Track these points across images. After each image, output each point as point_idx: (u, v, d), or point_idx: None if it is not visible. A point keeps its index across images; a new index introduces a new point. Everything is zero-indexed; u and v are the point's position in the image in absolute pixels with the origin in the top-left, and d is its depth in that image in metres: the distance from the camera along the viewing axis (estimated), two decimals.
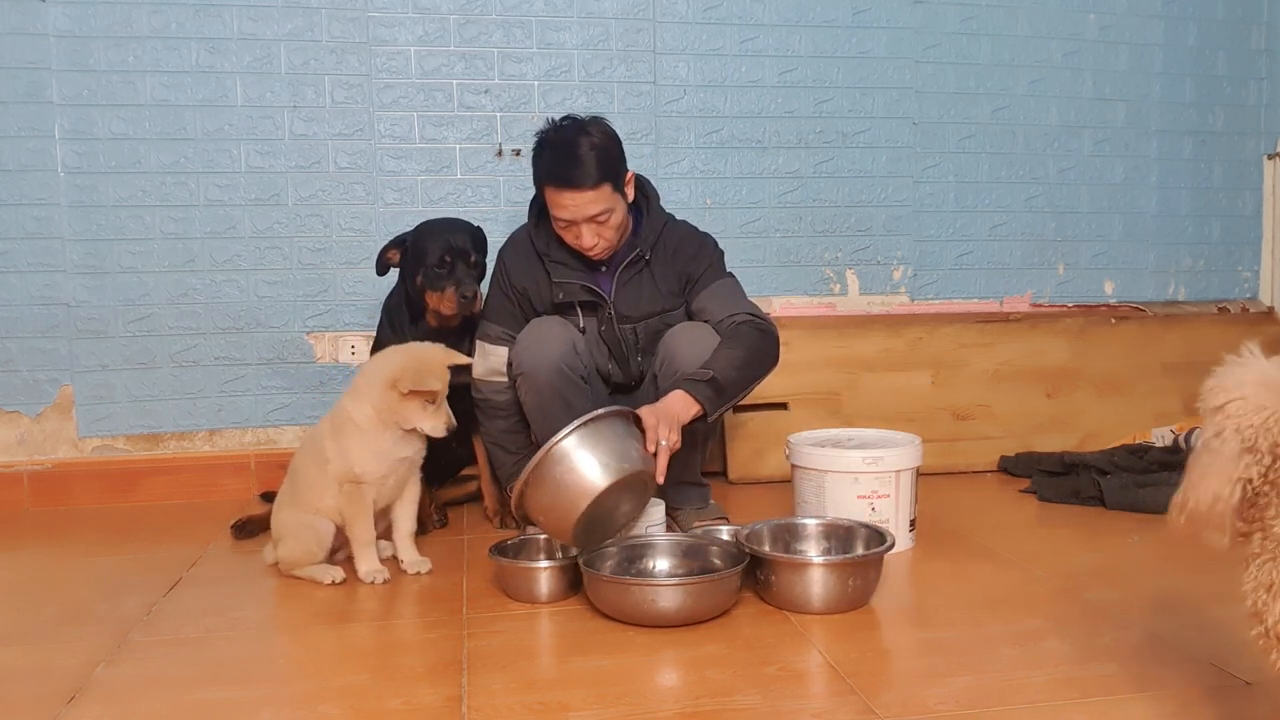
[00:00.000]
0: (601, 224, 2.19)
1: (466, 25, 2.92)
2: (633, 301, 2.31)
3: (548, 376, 2.18)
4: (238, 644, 1.71)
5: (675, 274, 2.33)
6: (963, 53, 3.24)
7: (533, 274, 2.31)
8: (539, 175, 2.21)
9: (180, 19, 2.77)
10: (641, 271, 2.31)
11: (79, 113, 2.74)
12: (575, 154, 2.13)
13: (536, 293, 2.32)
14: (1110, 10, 3.32)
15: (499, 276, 2.36)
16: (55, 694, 1.50)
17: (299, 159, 2.86)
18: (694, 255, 2.33)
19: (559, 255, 2.28)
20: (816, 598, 1.78)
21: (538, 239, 2.30)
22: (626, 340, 2.33)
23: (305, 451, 2.14)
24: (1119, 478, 2.61)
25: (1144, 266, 3.45)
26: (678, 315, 2.34)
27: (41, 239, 2.75)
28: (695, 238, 2.37)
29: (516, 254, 2.35)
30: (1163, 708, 1.39)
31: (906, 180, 3.23)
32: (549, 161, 2.16)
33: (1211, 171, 3.48)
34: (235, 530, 2.40)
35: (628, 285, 2.30)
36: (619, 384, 2.38)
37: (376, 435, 2.03)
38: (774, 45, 3.11)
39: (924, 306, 3.27)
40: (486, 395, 2.33)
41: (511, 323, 2.32)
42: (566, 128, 2.18)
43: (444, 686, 1.50)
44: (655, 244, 2.31)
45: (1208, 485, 1.06)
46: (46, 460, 2.78)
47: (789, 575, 1.80)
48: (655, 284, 2.32)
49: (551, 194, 2.17)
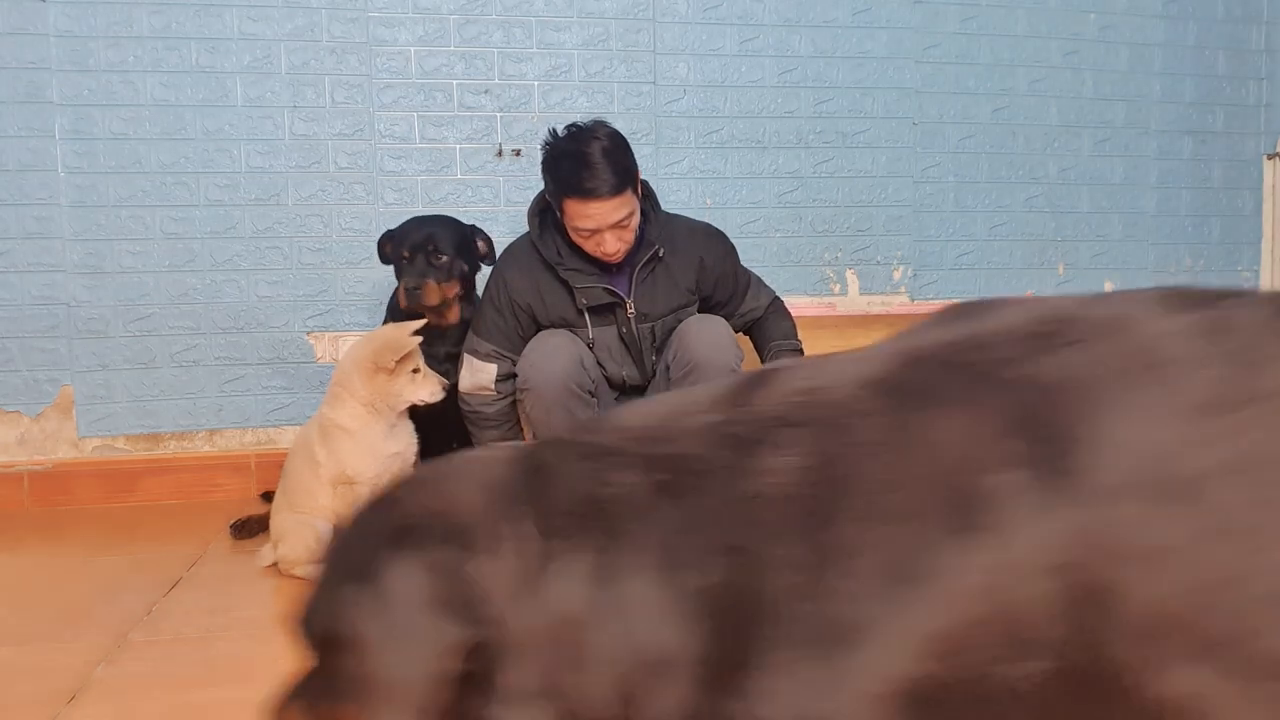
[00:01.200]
0: (624, 228, 2.18)
1: (466, 25, 2.92)
2: (651, 299, 2.30)
3: (555, 394, 2.18)
4: (238, 644, 1.71)
5: (693, 268, 2.34)
6: (963, 53, 3.24)
7: (540, 287, 2.27)
8: (559, 189, 2.15)
9: (180, 19, 2.77)
10: (656, 269, 2.31)
11: (79, 112, 2.74)
12: (593, 163, 2.10)
13: (542, 307, 2.28)
14: (1110, 10, 3.32)
15: (494, 292, 2.30)
16: (55, 694, 1.50)
17: (299, 159, 2.86)
18: (713, 252, 2.38)
19: (573, 263, 2.25)
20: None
21: (545, 250, 2.26)
22: (645, 340, 2.33)
23: (296, 454, 2.15)
24: None
25: (1144, 266, 3.45)
26: (691, 310, 2.35)
27: (41, 239, 2.75)
28: (707, 233, 2.41)
29: (519, 268, 2.29)
30: None
31: (906, 180, 3.23)
32: (569, 174, 2.11)
33: (1211, 171, 3.48)
34: (234, 530, 2.40)
35: (645, 284, 2.30)
36: (633, 386, 2.39)
37: (365, 434, 2.04)
38: (774, 45, 3.11)
39: (924, 306, 3.26)
40: (475, 408, 2.31)
41: (502, 340, 2.28)
42: (577, 137, 2.14)
43: None
44: (667, 237, 2.32)
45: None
46: (46, 460, 2.78)
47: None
48: (672, 279, 2.32)
49: (574, 205, 2.13)
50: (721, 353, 2.22)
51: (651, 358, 2.36)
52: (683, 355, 2.23)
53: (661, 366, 2.33)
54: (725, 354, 2.23)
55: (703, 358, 2.20)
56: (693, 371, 2.21)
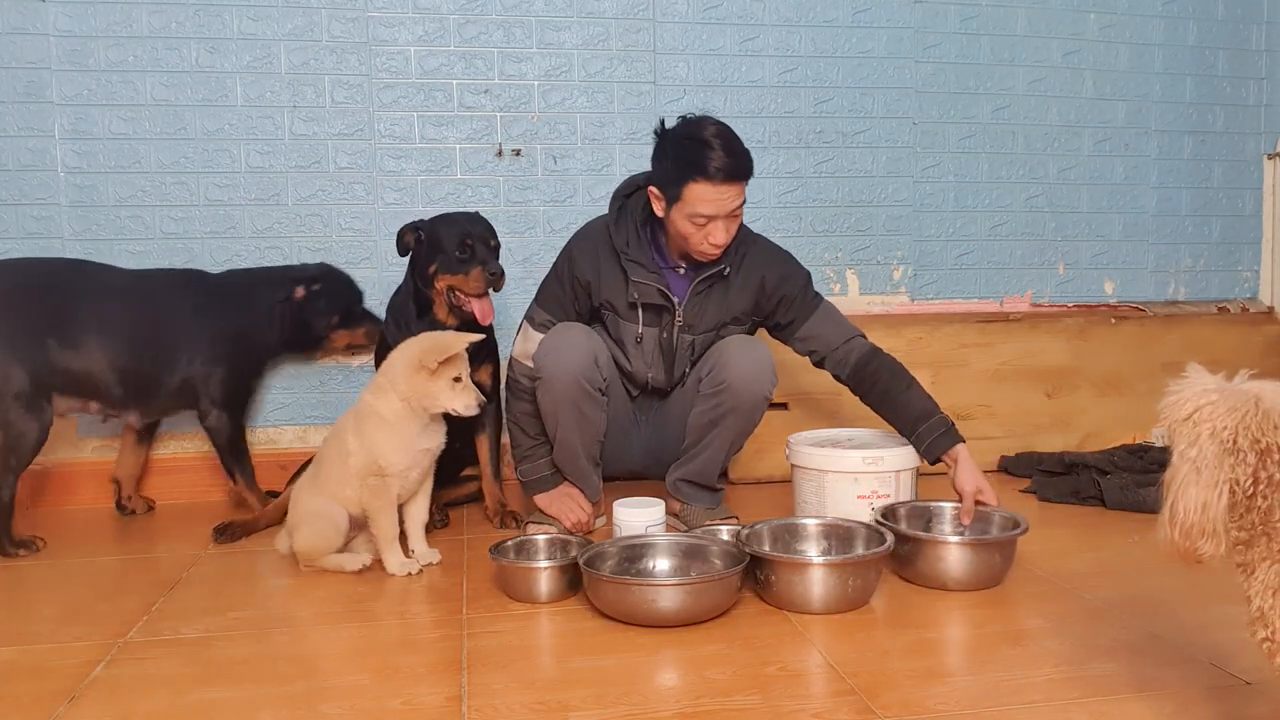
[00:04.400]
0: (735, 219, 2.17)
1: (466, 25, 2.92)
2: (701, 312, 2.29)
3: (565, 388, 2.18)
4: (238, 644, 1.71)
5: (754, 291, 2.30)
6: (963, 52, 3.24)
7: (602, 268, 2.28)
8: (687, 171, 2.08)
9: (180, 19, 2.77)
10: (716, 284, 2.29)
11: (79, 112, 2.74)
12: (740, 147, 2.11)
13: (598, 287, 2.29)
14: (1110, 10, 3.33)
15: (561, 264, 2.33)
16: (55, 694, 1.50)
17: (299, 159, 2.86)
18: (785, 276, 2.31)
19: (637, 255, 2.26)
20: (817, 598, 1.79)
21: (616, 235, 2.26)
22: (683, 349, 2.32)
23: (329, 444, 2.17)
24: (1119, 477, 2.61)
25: (1144, 266, 3.45)
26: (735, 330, 2.33)
27: (41, 239, 2.75)
28: (782, 257, 2.35)
29: (588, 246, 2.31)
30: (1162, 707, 1.39)
31: (906, 180, 3.23)
32: (720, 156, 2.06)
33: (1211, 171, 3.48)
34: (217, 534, 2.38)
35: (701, 295, 2.28)
36: (655, 389, 2.38)
37: (402, 426, 2.07)
38: (774, 45, 3.11)
39: (924, 306, 3.27)
40: (517, 376, 2.34)
41: (559, 312, 2.31)
42: (704, 123, 2.12)
43: (444, 686, 1.50)
44: (739, 260, 2.29)
45: (1192, 495, 1.05)
46: (46, 460, 2.77)
47: (789, 575, 1.81)
48: (728, 299, 2.30)
49: (701, 189, 2.08)
50: (757, 379, 2.21)
51: (685, 368, 2.35)
52: (717, 374, 2.22)
53: (694, 378, 2.32)
54: (761, 381, 2.21)
55: (737, 380, 2.19)
56: (724, 392, 2.21)
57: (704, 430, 2.27)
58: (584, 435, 2.26)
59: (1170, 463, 1.09)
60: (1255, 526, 1.07)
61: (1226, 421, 1.04)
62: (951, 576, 1.90)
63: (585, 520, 2.34)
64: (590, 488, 2.37)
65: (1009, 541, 1.95)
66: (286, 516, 2.20)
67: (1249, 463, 1.04)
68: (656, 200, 2.19)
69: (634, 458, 2.50)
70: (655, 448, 2.46)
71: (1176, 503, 1.07)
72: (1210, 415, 1.05)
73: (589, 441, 2.28)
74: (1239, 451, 1.04)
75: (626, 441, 2.44)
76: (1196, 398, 1.07)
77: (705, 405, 2.25)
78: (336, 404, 2.88)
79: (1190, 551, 1.06)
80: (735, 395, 2.20)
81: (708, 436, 2.27)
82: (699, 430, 2.28)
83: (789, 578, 1.80)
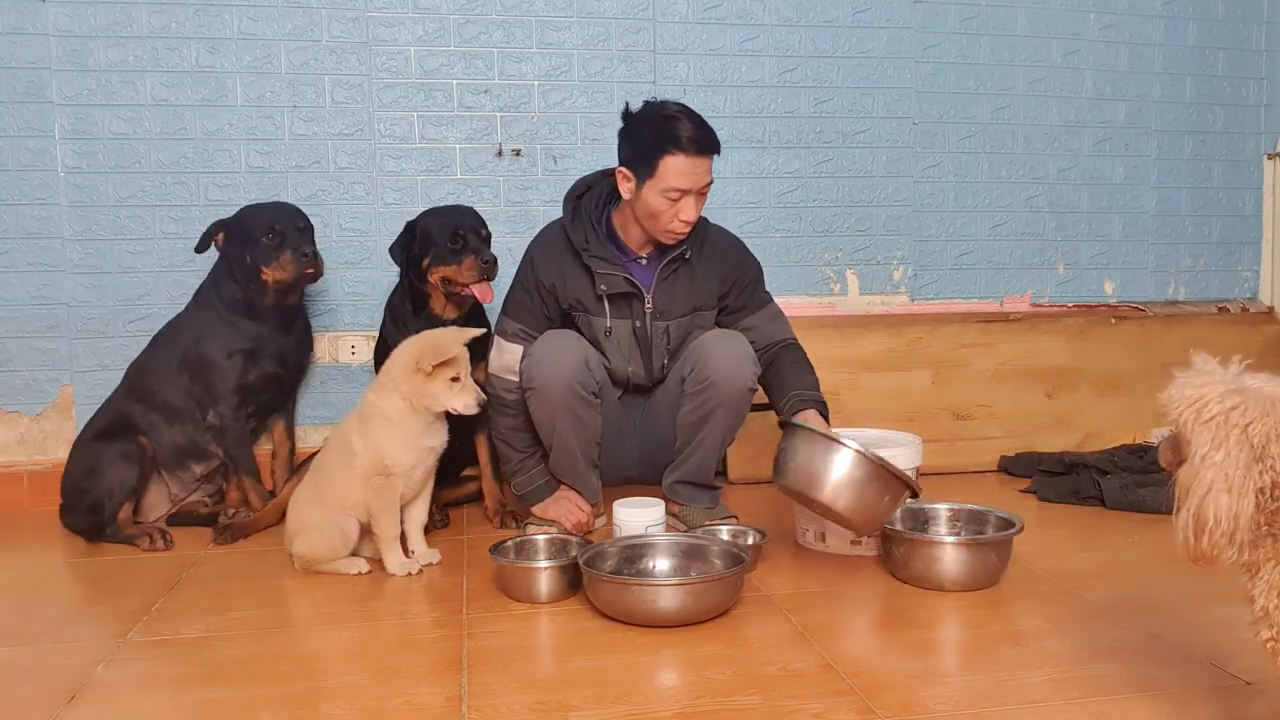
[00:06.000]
0: (703, 196, 2.21)
1: (466, 25, 2.92)
2: (670, 297, 2.31)
3: (559, 395, 2.18)
4: (238, 644, 1.70)
5: (719, 276, 2.34)
6: (963, 52, 3.24)
7: (564, 270, 2.30)
8: (662, 144, 2.12)
9: (180, 19, 2.77)
10: (680, 269, 2.31)
11: (79, 112, 2.74)
12: (702, 122, 2.16)
13: (564, 288, 2.30)
14: (1110, 10, 3.32)
15: (523, 273, 2.35)
16: (55, 694, 1.50)
17: (299, 159, 2.86)
18: (741, 262, 2.38)
19: (598, 250, 2.27)
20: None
21: (574, 234, 2.28)
22: (658, 338, 2.33)
23: (331, 449, 2.17)
24: (1119, 478, 2.61)
25: (1144, 266, 3.45)
26: (709, 317, 2.35)
27: (41, 239, 2.75)
28: (739, 245, 2.42)
29: (548, 250, 2.33)
30: (1162, 707, 1.39)
31: (906, 180, 3.23)
32: (690, 128, 2.13)
33: (1211, 171, 3.48)
34: (216, 534, 2.39)
35: (667, 281, 2.31)
36: (638, 386, 2.39)
37: (406, 425, 2.07)
38: (774, 45, 3.11)
39: (924, 306, 3.27)
40: (498, 391, 2.32)
41: (530, 320, 2.31)
42: (675, 102, 2.21)
43: (444, 686, 1.50)
44: (699, 244, 2.32)
45: (1225, 503, 1.01)
46: (46, 460, 2.77)
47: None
48: (694, 283, 2.32)
49: (676, 161, 2.12)
50: (739, 371, 2.22)
51: (663, 359, 2.35)
52: (700, 371, 2.22)
53: (675, 378, 2.32)
54: (743, 373, 2.22)
55: (719, 376, 2.20)
56: (709, 388, 2.21)
57: (694, 429, 2.28)
58: (581, 438, 2.26)
59: (1188, 464, 1.05)
60: (1261, 527, 1.06)
61: (1260, 428, 1.01)
62: (947, 577, 1.90)
63: (585, 520, 2.34)
64: (589, 489, 2.37)
65: (1005, 541, 1.96)
66: (288, 522, 2.18)
67: (1276, 469, 1.02)
68: (625, 181, 2.21)
69: (629, 464, 2.49)
70: (648, 452, 2.45)
71: (1205, 509, 1.02)
72: (1241, 420, 1.01)
73: (586, 444, 2.28)
74: (1267, 458, 1.01)
75: (621, 447, 2.43)
76: (1222, 399, 1.03)
77: (692, 404, 2.25)
78: (337, 404, 2.88)
79: (1213, 558, 1.03)
80: (720, 390, 2.21)
81: (698, 435, 2.27)
82: (689, 430, 2.28)
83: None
